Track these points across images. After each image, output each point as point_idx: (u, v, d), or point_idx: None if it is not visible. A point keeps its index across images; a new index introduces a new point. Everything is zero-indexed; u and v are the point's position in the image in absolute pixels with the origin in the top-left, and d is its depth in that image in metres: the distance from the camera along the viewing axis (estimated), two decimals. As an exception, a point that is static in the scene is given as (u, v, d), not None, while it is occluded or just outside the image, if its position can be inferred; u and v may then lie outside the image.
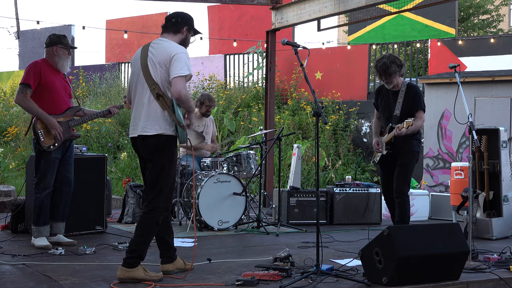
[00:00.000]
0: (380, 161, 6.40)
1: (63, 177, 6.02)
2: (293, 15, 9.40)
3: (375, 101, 6.50)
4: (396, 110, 6.17)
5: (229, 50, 16.02)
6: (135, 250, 4.50)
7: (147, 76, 4.55)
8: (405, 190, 6.20)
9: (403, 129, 5.99)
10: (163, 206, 4.59)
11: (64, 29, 16.81)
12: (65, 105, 6.00)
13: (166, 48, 4.57)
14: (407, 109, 6.15)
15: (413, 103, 6.15)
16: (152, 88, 4.53)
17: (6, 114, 15.53)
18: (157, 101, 4.52)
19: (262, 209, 7.47)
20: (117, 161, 12.45)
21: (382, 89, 6.41)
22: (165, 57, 4.52)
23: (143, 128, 4.55)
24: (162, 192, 4.56)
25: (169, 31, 4.74)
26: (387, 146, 6.25)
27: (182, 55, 4.51)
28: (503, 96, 10.80)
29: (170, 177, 4.60)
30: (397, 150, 6.21)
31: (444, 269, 4.58)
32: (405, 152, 6.18)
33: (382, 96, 6.40)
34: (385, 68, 6.11)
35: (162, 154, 4.55)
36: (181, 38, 4.72)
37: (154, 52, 4.59)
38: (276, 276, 4.56)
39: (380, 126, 6.45)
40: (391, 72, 6.10)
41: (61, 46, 5.98)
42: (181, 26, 4.73)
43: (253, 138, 9.04)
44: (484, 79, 11.03)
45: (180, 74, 4.44)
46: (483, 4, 19.46)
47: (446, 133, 11.50)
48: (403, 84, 6.24)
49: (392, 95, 6.26)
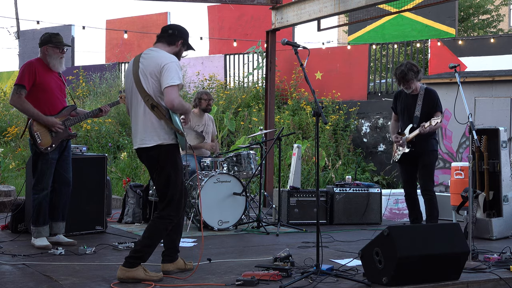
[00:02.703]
0: (401, 160, 6.79)
1: (61, 177, 6.01)
2: (293, 15, 9.40)
3: (394, 104, 6.99)
4: (416, 112, 6.66)
5: (229, 50, 16.02)
6: (140, 251, 4.51)
7: (139, 88, 4.56)
8: (431, 187, 6.69)
9: (427, 128, 6.43)
10: (174, 214, 4.62)
11: (64, 29, 16.82)
12: (60, 104, 5.97)
13: (156, 59, 4.58)
14: (426, 111, 6.62)
15: (432, 105, 6.65)
16: (146, 99, 4.54)
17: (6, 114, 15.53)
18: (152, 111, 4.53)
19: (262, 209, 7.47)
20: (117, 161, 12.45)
21: (401, 93, 6.90)
22: (155, 68, 4.53)
23: (142, 140, 4.58)
24: (172, 200, 4.60)
25: (163, 41, 4.76)
26: (409, 144, 6.66)
27: (172, 64, 4.52)
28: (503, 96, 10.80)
29: (177, 185, 4.62)
30: (417, 149, 6.63)
31: (444, 269, 4.58)
32: (427, 152, 6.65)
33: (401, 100, 6.88)
34: (403, 75, 6.63)
35: (166, 164, 4.58)
36: (175, 50, 4.74)
37: (145, 63, 4.60)
38: (276, 276, 4.56)
39: (397, 127, 6.93)
40: (409, 79, 6.62)
41: (51, 45, 5.92)
42: (177, 39, 4.76)
43: (253, 138, 9.03)
44: (484, 79, 11.03)
45: (171, 84, 4.45)
46: (483, 4, 19.46)
47: (446, 133, 11.50)
48: (421, 89, 6.75)
49: (411, 98, 6.74)
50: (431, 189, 6.67)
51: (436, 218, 6.64)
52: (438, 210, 6.68)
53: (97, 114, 6.18)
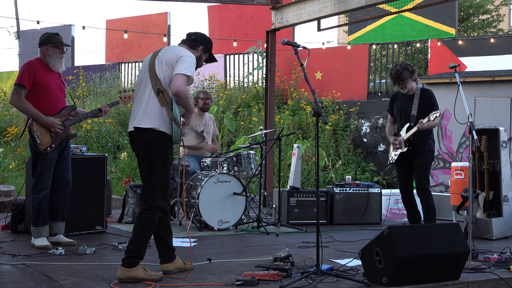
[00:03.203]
0: (397, 160, 6.78)
1: (61, 177, 6.01)
2: (293, 15, 9.40)
3: (390, 107, 6.99)
4: (413, 111, 6.66)
5: (229, 50, 16.02)
6: (133, 250, 4.50)
7: (152, 73, 4.62)
8: (427, 187, 6.68)
9: (425, 124, 6.43)
10: (158, 206, 4.59)
11: (64, 29, 16.83)
12: (60, 104, 5.97)
13: (175, 50, 4.71)
14: (423, 110, 6.61)
15: (429, 104, 6.65)
16: (154, 84, 4.59)
17: (6, 114, 15.53)
18: (157, 96, 4.56)
19: (262, 209, 7.47)
20: (117, 161, 12.45)
21: (397, 95, 6.92)
22: (172, 57, 4.62)
23: (139, 120, 4.60)
24: (154, 189, 4.57)
25: (186, 43, 4.87)
26: (406, 143, 6.66)
27: (189, 58, 4.61)
28: (503, 96, 10.80)
29: (163, 175, 4.61)
30: (414, 149, 6.64)
31: (444, 269, 4.58)
32: (423, 151, 6.64)
33: (397, 101, 6.89)
34: (398, 74, 6.66)
35: (155, 151, 4.57)
36: (196, 55, 4.80)
37: (164, 53, 4.70)
38: (276, 276, 4.56)
39: (394, 129, 6.92)
40: (404, 78, 6.65)
41: (51, 45, 5.93)
42: (198, 44, 4.86)
43: (253, 138, 9.03)
44: (484, 79, 11.03)
45: (183, 72, 4.51)
46: (483, 4, 19.46)
47: (446, 133, 11.50)
48: (417, 89, 6.76)
49: (408, 99, 6.75)
50: (426, 188, 6.66)
51: (434, 218, 6.62)
52: (435, 210, 6.67)
53: (97, 114, 6.18)
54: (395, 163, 6.83)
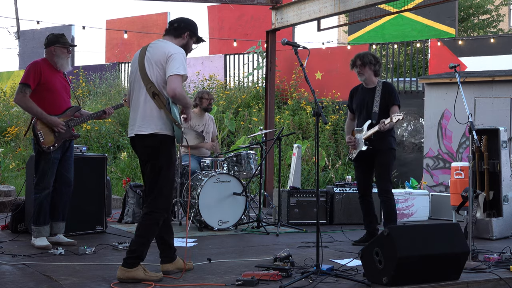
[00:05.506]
0: (357, 158, 6.44)
1: (63, 177, 6.01)
2: (293, 15, 9.39)
3: (349, 102, 6.64)
4: (374, 108, 6.30)
5: (229, 50, 16.02)
6: (135, 251, 4.50)
7: (143, 75, 4.57)
8: (389, 188, 6.31)
9: (387, 124, 6.08)
10: (163, 207, 4.59)
11: (64, 29, 16.81)
12: (64, 105, 6.00)
13: (163, 48, 4.59)
14: (384, 105, 6.30)
15: (389, 98, 6.31)
16: (148, 87, 4.54)
17: (6, 114, 15.53)
18: (153, 100, 4.53)
19: (262, 209, 7.47)
20: (117, 161, 12.45)
21: (357, 89, 6.60)
22: (161, 57, 4.54)
23: (139, 127, 4.57)
24: (161, 193, 4.57)
25: (170, 34, 4.76)
26: (366, 142, 6.29)
27: (178, 55, 4.53)
28: (503, 96, 10.79)
29: (168, 178, 4.61)
30: (375, 147, 6.27)
31: (444, 269, 4.58)
32: (384, 150, 6.28)
33: (357, 95, 6.55)
34: (361, 57, 6.42)
35: (160, 155, 4.55)
36: (182, 43, 4.72)
37: (152, 52, 4.61)
38: (276, 276, 4.56)
39: (353, 126, 6.55)
40: (365, 62, 6.38)
41: (59, 46, 5.96)
42: (182, 31, 4.74)
43: (253, 138, 9.03)
44: (484, 79, 11.02)
45: (176, 73, 4.45)
46: (483, 4, 19.47)
47: (446, 133, 11.49)
48: (378, 84, 6.42)
49: (368, 93, 6.41)
50: (389, 190, 6.27)
51: (394, 222, 6.20)
52: (396, 213, 6.32)
53: (101, 116, 6.19)
54: (354, 160, 6.46)
